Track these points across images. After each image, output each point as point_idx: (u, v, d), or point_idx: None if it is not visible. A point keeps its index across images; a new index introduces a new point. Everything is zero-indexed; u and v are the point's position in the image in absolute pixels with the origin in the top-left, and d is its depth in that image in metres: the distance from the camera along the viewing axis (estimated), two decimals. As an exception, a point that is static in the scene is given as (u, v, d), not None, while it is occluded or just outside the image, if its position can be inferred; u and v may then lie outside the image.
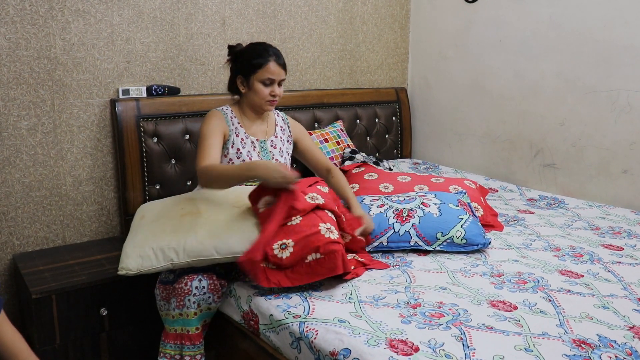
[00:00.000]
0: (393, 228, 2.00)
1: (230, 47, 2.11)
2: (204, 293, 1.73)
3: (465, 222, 2.01)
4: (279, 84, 2.05)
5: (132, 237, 1.82)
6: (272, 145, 2.14)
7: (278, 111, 2.28)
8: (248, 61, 2.03)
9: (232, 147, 2.05)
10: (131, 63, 2.58)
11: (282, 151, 2.17)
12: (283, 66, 2.05)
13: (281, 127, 2.22)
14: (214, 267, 1.79)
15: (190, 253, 1.71)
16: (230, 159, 2.05)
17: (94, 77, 2.49)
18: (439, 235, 1.98)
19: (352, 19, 3.35)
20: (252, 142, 2.09)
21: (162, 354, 1.74)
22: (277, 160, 2.13)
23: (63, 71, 2.41)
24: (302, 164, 2.44)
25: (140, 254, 1.74)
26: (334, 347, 1.38)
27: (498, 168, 3.19)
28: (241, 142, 2.07)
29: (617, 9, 2.57)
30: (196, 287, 1.71)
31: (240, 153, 2.05)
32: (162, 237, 1.75)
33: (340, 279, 1.74)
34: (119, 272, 1.76)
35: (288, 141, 2.23)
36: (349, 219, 1.91)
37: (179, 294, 1.71)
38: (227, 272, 1.87)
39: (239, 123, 2.09)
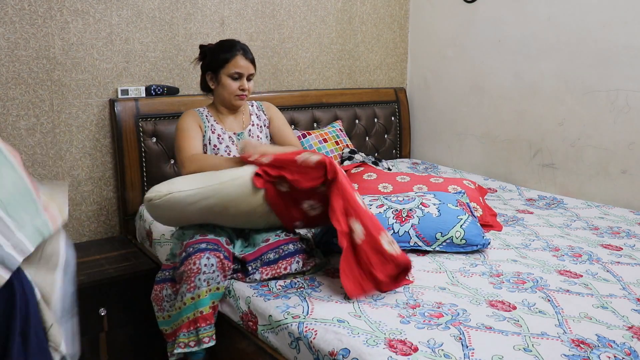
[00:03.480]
0: (392, 228, 2.00)
1: (200, 47, 2.14)
2: (213, 271, 1.71)
3: (464, 222, 2.01)
4: (248, 79, 2.06)
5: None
6: (249, 135, 2.15)
7: (253, 102, 2.27)
8: (216, 57, 2.05)
9: (209, 143, 2.07)
10: (130, 63, 2.58)
11: (260, 139, 2.17)
12: (252, 61, 2.06)
13: (256, 114, 2.22)
14: (219, 247, 1.78)
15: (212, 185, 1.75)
16: None
17: (93, 77, 2.49)
18: (438, 235, 1.98)
19: (351, 18, 3.35)
20: (230, 136, 2.10)
21: (178, 345, 1.70)
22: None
23: (62, 71, 2.41)
24: None
25: (170, 182, 1.80)
26: (333, 347, 1.38)
27: (497, 168, 3.19)
28: (218, 138, 2.08)
29: (616, 9, 2.57)
30: (205, 265, 1.70)
31: (218, 149, 2.07)
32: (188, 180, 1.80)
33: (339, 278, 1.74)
34: (148, 195, 1.76)
35: (265, 125, 2.23)
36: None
37: (189, 275, 1.70)
38: (231, 256, 1.85)
39: (214, 120, 2.11)
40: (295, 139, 2.28)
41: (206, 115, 2.11)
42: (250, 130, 2.16)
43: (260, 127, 2.20)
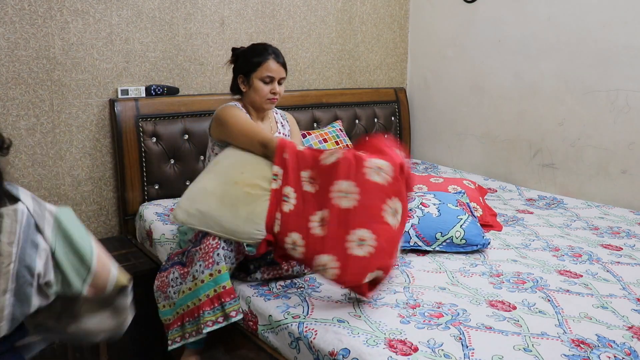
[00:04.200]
0: (392, 228, 2.00)
1: (233, 49, 2.15)
2: (231, 250, 1.72)
3: (464, 222, 2.01)
4: (279, 83, 2.07)
5: (195, 184, 1.85)
6: None
7: (276, 109, 2.29)
8: (248, 60, 2.05)
9: None
10: (130, 63, 2.58)
11: None
12: (283, 65, 2.07)
13: (281, 123, 2.25)
14: None
15: (224, 229, 1.72)
16: None
17: (93, 77, 2.49)
18: (438, 235, 1.98)
19: (351, 18, 3.35)
20: None
21: (205, 324, 1.67)
22: None
23: (62, 71, 2.41)
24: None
25: (189, 211, 1.78)
26: (333, 347, 1.38)
27: (497, 168, 3.19)
28: None
29: (615, 9, 2.57)
30: (225, 241, 1.71)
31: None
32: (210, 201, 1.77)
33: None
34: (170, 218, 1.82)
35: (287, 135, 2.25)
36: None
37: (207, 251, 1.70)
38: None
39: (251, 119, 2.10)
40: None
41: (246, 112, 2.08)
42: (277, 136, 2.16)
43: (286, 136, 2.21)
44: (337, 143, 2.95)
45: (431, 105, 3.56)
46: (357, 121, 3.35)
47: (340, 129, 3.08)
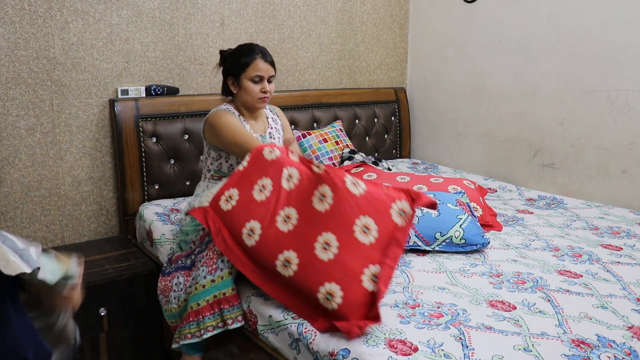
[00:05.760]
0: (392, 228, 2.00)
1: (220, 52, 2.15)
2: None
3: (464, 222, 2.01)
4: (269, 81, 2.07)
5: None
6: (271, 137, 2.17)
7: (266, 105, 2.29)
8: (236, 61, 2.06)
9: None
10: (130, 63, 2.58)
11: (279, 140, 2.21)
12: (271, 63, 2.08)
13: (272, 118, 2.25)
14: None
15: None
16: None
17: (93, 77, 2.49)
18: (437, 235, 1.98)
19: (351, 18, 3.35)
20: (257, 137, 2.10)
21: (206, 330, 1.67)
22: None
23: (62, 71, 2.41)
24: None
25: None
26: (333, 348, 1.38)
27: (497, 168, 3.19)
28: None
29: (615, 9, 2.57)
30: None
31: None
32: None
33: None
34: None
35: (279, 130, 2.26)
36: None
37: (211, 257, 1.71)
38: None
39: (244, 120, 2.11)
40: (292, 134, 2.33)
41: (237, 115, 2.10)
42: (270, 132, 2.18)
43: (278, 130, 2.23)
44: (337, 143, 2.95)
45: (431, 105, 3.56)
46: (357, 121, 3.35)
47: (340, 129, 3.08)
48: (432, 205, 1.64)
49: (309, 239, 1.58)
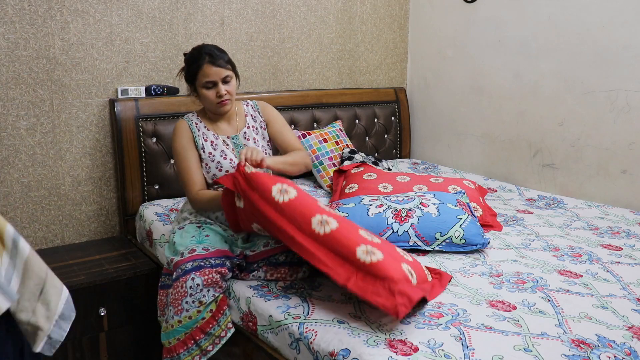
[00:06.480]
0: (392, 228, 2.00)
1: (184, 54, 2.06)
2: (200, 290, 1.67)
3: (464, 222, 2.01)
4: (224, 82, 1.97)
5: None
6: (245, 138, 2.08)
7: (248, 101, 2.20)
8: (188, 69, 1.99)
9: (204, 152, 2.01)
10: (130, 63, 2.58)
11: (256, 141, 2.10)
12: (222, 64, 1.95)
13: (252, 115, 2.15)
14: (205, 261, 1.73)
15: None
16: (207, 164, 2.01)
17: (93, 77, 2.49)
18: (437, 235, 1.98)
19: (351, 18, 3.35)
20: (224, 140, 2.04)
21: None
22: None
23: (62, 71, 2.41)
24: None
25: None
26: (334, 348, 1.38)
27: (497, 168, 3.19)
28: (212, 145, 2.02)
29: (616, 8, 2.57)
30: (190, 287, 1.66)
31: (214, 156, 2.00)
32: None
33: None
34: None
35: (262, 127, 2.15)
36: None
37: (176, 298, 1.68)
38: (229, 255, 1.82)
39: (205, 127, 2.04)
40: (296, 139, 2.19)
41: (196, 123, 2.04)
42: (245, 132, 2.09)
43: (257, 128, 2.13)
44: (337, 143, 2.95)
45: (431, 105, 3.56)
46: (357, 121, 3.35)
47: (340, 129, 3.08)
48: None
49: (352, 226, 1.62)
